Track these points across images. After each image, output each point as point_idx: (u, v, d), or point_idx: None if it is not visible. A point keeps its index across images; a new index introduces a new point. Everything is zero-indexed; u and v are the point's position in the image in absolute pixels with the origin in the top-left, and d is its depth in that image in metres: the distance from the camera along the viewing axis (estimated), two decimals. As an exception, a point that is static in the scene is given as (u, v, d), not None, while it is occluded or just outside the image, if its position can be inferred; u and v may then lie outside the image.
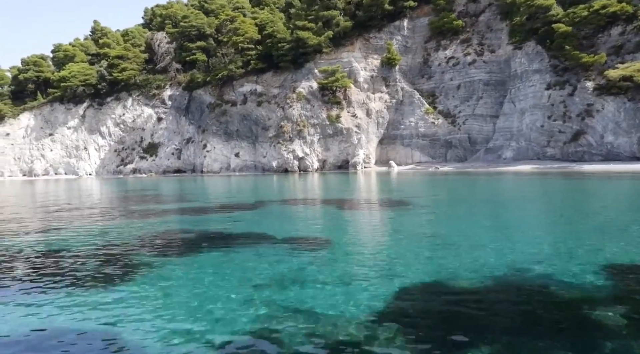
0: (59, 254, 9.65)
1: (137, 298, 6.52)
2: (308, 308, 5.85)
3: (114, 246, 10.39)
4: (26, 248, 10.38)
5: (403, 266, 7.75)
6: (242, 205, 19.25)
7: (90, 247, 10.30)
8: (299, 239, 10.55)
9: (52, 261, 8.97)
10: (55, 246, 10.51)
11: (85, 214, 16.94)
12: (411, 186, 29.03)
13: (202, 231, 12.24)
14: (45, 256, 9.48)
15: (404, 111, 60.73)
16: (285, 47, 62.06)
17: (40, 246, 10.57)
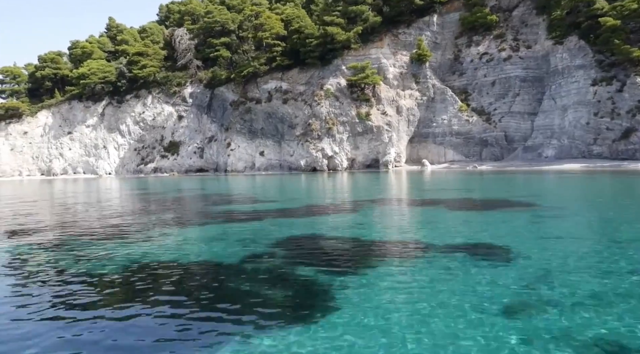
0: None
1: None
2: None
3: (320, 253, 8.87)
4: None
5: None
6: (339, 207, 17.70)
7: (296, 250, 8.78)
8: (472, 248, 9.03)
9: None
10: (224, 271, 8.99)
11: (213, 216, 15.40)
12: (478, 184, 27.46)
13: (356, 236, 10.72)
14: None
15: (436, 108, 59.14)
16: (313, 43, 60.54)
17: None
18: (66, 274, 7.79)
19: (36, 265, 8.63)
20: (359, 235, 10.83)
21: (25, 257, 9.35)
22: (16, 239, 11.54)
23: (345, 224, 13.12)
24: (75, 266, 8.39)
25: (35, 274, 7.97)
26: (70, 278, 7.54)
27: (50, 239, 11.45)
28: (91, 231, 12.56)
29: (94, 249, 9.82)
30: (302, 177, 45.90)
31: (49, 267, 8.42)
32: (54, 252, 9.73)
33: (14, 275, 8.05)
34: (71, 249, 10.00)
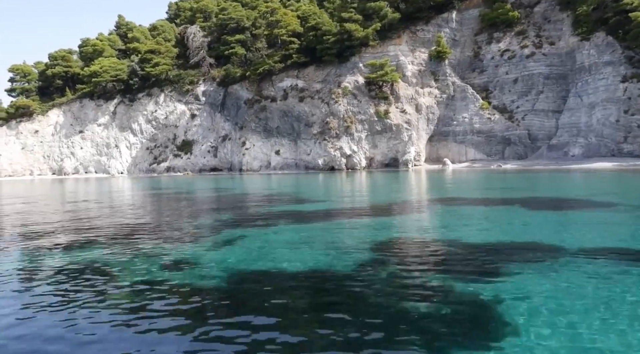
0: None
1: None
2: None
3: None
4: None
5: None
6: (403, 206, 16.66)
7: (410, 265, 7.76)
8: (600, 251, 7.99)
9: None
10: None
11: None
12: (523, 183, 26.39)
13: (456, 238, 9.70)
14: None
15: (456, 106, 58.10)
16: (331, 40, 59.50)
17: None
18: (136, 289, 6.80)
19: (87, 276, 7.62)
20: (458, 237, 9.81)
21: (69, 268, 8.35)
22: (35, 242, 10.57)
23: (431, 225, 12.10)
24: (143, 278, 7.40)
25: (88, 286, 6.97)
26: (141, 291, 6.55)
27: (105, 253, 10.44)
28: (155, 237, 11.56)
29: (174, 260, 8.82)
30: (324, 176, 44.84)
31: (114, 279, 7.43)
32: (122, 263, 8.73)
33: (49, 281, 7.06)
34: (138, 255, 9.00)
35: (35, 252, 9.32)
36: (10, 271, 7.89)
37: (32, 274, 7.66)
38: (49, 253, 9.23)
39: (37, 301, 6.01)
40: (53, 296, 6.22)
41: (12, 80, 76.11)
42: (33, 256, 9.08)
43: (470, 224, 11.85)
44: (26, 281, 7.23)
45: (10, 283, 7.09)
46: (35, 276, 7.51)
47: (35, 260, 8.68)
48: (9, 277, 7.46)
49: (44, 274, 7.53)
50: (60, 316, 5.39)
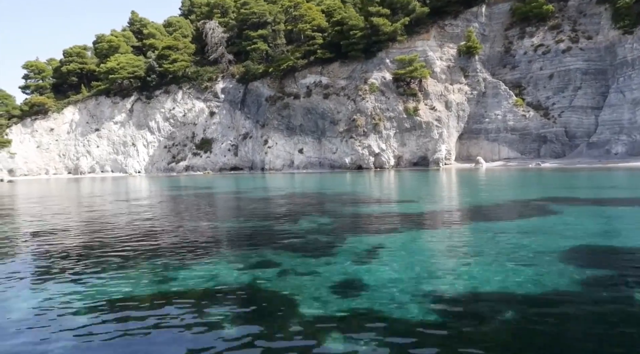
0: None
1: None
2: None
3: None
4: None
5: None
6: (515, 208, 14.90)
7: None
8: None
9: None
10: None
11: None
12: (594, 182, 24.62)
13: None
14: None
15: (487, 103, 56.29)
16: (358, 34, 57.69)
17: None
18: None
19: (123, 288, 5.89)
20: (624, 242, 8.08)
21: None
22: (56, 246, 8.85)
23: (593, 228, 10.31)
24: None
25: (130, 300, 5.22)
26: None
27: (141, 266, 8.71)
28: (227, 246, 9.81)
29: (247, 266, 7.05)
30: (357, 176, 42.98)
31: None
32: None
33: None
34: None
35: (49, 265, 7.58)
36: (26, 273, 7.33)
37: (46, 283, 6.76)
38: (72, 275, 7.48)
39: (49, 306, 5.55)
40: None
41: (27, 78, 74.41)
42: (46, 265, 7.39)
43: (629, 226, 10.06)
44: (40, 289, 6.48)
45: (24, 286, 6.60)
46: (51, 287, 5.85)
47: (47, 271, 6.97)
48: (24, 279, 6.92)
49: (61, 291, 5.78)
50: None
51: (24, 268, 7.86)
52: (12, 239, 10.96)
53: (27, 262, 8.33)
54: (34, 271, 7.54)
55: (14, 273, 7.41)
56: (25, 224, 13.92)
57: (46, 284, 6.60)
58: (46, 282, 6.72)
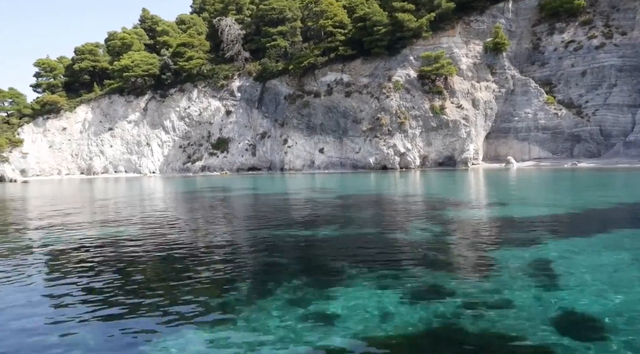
0: None
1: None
2: None
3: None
4: None
5: None
6: (614, 213, 13.22)
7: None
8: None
9: None
10: None
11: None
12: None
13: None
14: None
15: (516, 101, 54.58)
16: (382, 31, 55.95)
17: None
18: None
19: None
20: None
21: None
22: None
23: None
24: None
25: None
26: None
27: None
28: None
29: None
30: (385, 176, 41.23)
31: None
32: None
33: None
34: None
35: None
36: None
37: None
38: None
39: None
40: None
41: (38, 76, 72.69)
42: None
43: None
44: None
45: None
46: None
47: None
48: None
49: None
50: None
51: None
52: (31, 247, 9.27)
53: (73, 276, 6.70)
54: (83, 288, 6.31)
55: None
56: (57, 234, 12.23)
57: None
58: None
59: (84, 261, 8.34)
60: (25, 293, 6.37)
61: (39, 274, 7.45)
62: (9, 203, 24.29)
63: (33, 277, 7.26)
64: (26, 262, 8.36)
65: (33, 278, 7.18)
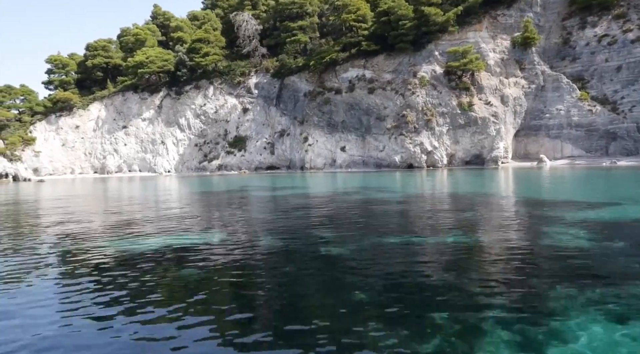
0: None
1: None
2: None
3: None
4: None
5: None
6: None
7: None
8: None
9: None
10: None
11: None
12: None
13: None
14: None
15: (547, 97, 52.77)
16: (407, 25, 54.20)
17: None
18: None
19: None
20: None
21: None
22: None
23: None
24: None
25: None
26: None
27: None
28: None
29: None
30: (418, 175, 39.41)
31: None
32: None
33: None
34: None
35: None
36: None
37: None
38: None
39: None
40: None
41: (50, 72, 71.03)
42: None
43: None
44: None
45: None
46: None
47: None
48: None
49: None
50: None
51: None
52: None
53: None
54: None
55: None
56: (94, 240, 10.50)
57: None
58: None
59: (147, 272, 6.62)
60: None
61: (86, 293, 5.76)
62: (34, 204, 22.61)
63: (80, 301, 5.61)
64: (74, 276, 6.66)
65: (79, 300, 5.53)
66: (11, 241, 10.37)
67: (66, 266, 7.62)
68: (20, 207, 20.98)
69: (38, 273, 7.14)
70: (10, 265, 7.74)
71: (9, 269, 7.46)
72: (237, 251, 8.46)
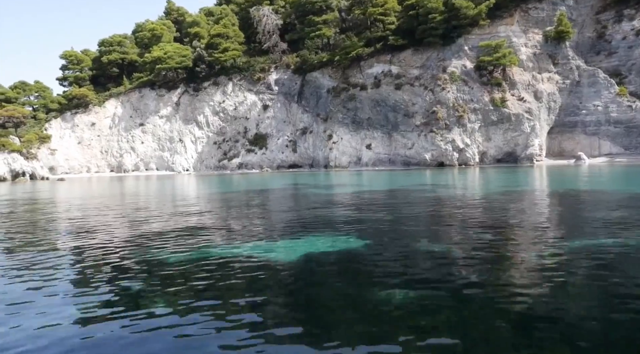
0: None
1: None
2: None
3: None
4: None
5: None
6: None
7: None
8: None
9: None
10: None
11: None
12: None
13: None
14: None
15: (583, 93, 51.06)
16: (437, 19, 52.48)
17: None
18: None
19: None
20: None
21: None
22: None
23: None
24: None
25: None
26: None
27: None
28: None
29: None
30: (448, 172, 37.68)
31: None
32: None
33: None
34: None
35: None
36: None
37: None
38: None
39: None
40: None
41: (64, 68, 69.32)
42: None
43: None
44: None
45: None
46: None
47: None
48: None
49: None
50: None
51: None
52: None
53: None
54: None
55: None
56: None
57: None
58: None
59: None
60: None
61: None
62: (78, 205, 20.94)
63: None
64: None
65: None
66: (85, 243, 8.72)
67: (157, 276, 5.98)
68: (60, 207, 19.30)
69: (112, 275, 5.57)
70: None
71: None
72: (310, 263, 6.78)
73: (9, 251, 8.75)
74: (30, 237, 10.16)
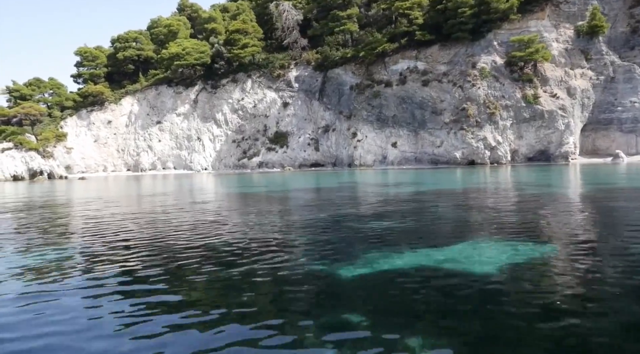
0: None
1: None
2: None
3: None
4: None
5: None
6: None
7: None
8: None
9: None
10: None
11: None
12: None
13: None
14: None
15: (618, 89, 49.63)
16: (467, 13, 51.02)
17: None
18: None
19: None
20: None
21: None
22: None
23: None
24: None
25: None
26: None
27: None
28: None
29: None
30: (480, 172, 36.19)
31: None
32: None
33: None
34: None
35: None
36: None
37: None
38: None
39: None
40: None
41: (79, 65, 67.86)
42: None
43: None
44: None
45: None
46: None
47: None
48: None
49: None
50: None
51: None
52: None
53: None
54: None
55: None
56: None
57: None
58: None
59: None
60: None
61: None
62: (129, 207, 19.45)
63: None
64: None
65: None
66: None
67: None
68: (126, 214, 17.84)
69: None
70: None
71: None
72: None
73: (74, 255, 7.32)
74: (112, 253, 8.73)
